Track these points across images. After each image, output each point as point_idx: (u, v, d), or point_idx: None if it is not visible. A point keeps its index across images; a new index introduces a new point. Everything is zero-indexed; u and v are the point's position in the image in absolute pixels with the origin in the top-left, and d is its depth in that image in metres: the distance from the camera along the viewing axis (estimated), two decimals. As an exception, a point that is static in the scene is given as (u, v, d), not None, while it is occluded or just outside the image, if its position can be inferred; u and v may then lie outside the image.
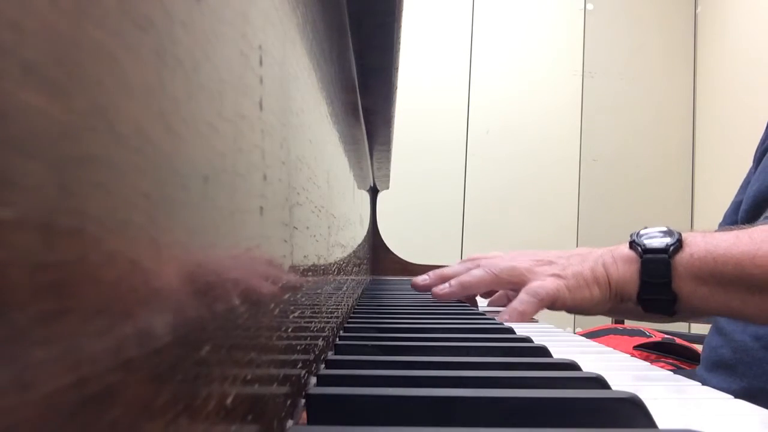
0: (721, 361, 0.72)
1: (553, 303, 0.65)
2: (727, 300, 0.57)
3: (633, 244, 0.62)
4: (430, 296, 0.77)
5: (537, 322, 0.67)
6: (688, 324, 2.03)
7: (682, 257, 0.59)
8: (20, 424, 0.08)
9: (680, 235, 0.60)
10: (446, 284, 0.73)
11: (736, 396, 0.33)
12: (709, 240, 0.58)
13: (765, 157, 0.77)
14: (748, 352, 0.69)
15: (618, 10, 2.46)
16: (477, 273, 0.71)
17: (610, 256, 0.63)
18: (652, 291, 0.60)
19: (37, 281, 0.08)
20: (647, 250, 0.60)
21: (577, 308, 0.65)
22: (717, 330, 0.76)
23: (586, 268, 0.64)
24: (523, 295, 0.65)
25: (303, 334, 0.30)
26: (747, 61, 2.14)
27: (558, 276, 0.65)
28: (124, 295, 0.11)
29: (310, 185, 0.35)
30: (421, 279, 0.79)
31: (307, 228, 0.34)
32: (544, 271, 0.66)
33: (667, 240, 0.60)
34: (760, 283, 0.55)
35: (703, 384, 0.37)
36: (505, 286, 0.71)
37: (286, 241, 0.26)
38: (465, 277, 0.71)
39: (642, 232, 0.62)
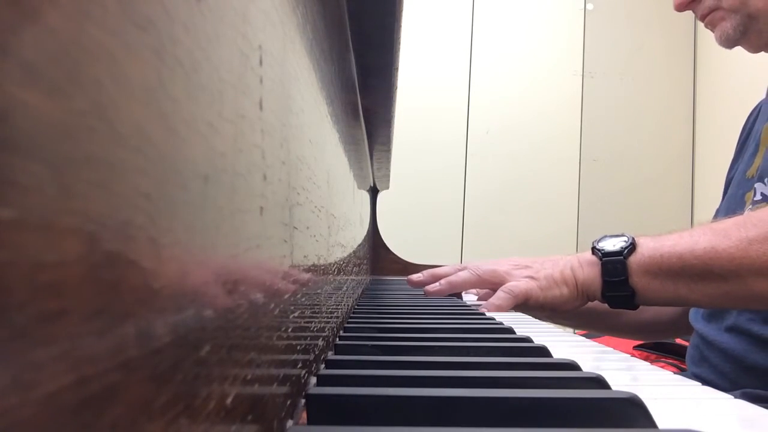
0: (702, 356, 0.79)
1: (527, 300, 0.75)
2: (676, 289, 0.67)
3: (594, 250, 0.73)
4: (430, 297, 0.85)
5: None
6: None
7: (635, 257, 0.69)
8: (20, 424, 0.08)
9: (633, 239, 0.70)
10: (437, 283, 0.85)
11: (724, 385, 0.33)
12: (657, 240, 0.69)
13: (730, 187, 0.86)
14: (718, 345, 0.76)
15: (618, 10, 2.46)
16: (463, 274, 0.84)
17: (577, 261, 0.74)
18: (613, 288, 0.70)
19: (37, 281, 0.08)
20: (606, 254, 0.71)
21: (548, 305, 0.75)
22: (696, 330, 0.84)
23: (556, 272, 0.75)
24: (499, 293, 0.76)
25: (303, 334, 0.30)
26: (747, 61, 2.14)
27: (532, 278, 0.76)
28: (124, 295, 0.11)
29: (310, 185, 0.35)
30: (416, 277, 0.91)
31: (307, 228, 0.34)
32: (520, 273, 0.78)
33: (622, 244, 0.70)
34: (700, 272, 0.64)
35: (691, 377, 0.38)
36: (487, 286, 0.83)
37: (286, 241, 0.26)
38: (453, 278, 0.84)
39: (601, 239, 0.73)
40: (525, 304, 0.76)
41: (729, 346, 0.74)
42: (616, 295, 0.70)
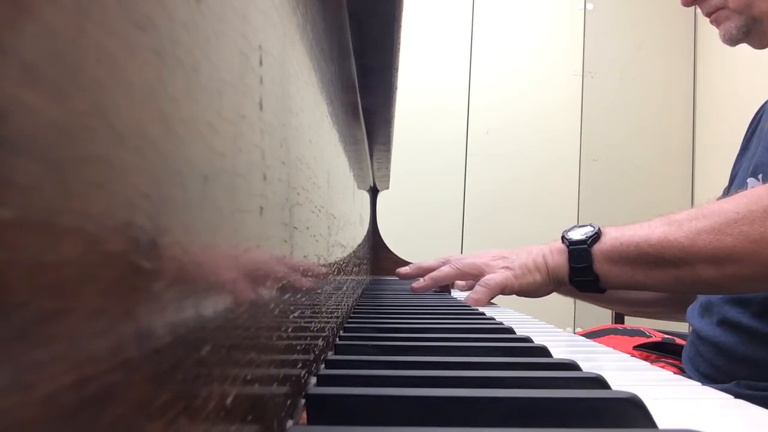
0: (697, 351, 0.83)
1: (503, 289, 0.82)
2: (634, 275, 0.73)
3: (563, 239, 0.79)
4: (429, 296, 0.89)
5: (496, 305, 0.83)
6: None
7: (598, 245, 0.75)
8: (20, 424, 0.08)
9: (599, 228, 0.76)
10: (421, 279, 0.94)
11: (717, 378, 0.33)
12: (619, 230, 0.75)
13: (733, 185, 0.89)
14: (711, 339, 0.80)
15: (618, 10, 2.46)
16: (445, 269, 0.91)
17: (548, 249, 0.81)
18: (578, 273, 0.77)
19: (37, 281, 0.08)
20: (572, 242, 0.78)
21: (523, 291, 0.82)
22: (692, 327, 0.88)
23: (529, 260, 0.82)
24: (477, 287, 0.83)
25: (303, 334, 0.30)
26: (747, 61, 2.14)
27: (507, 268, 0.83)
28: (124, 295, 0.11)
29: (310, 185, 0.35)
30: (404, 270, 1.02)
31: (307, 228, 0.34)
32: (497, 264, 0.84)
33: (587, 233, 0.77)
34: (654, 259, 0.70)
35: (688, 371, 0.39)
36: (468, 278, 0.91)
37: (286, 241, 0.26)
38: (435, 273, 0.93)
39: (571, 229, 0.79)
40: (502, 293, 0.83)
41: (721, 339, 0.78)
42: (581, 279, 0.77)
